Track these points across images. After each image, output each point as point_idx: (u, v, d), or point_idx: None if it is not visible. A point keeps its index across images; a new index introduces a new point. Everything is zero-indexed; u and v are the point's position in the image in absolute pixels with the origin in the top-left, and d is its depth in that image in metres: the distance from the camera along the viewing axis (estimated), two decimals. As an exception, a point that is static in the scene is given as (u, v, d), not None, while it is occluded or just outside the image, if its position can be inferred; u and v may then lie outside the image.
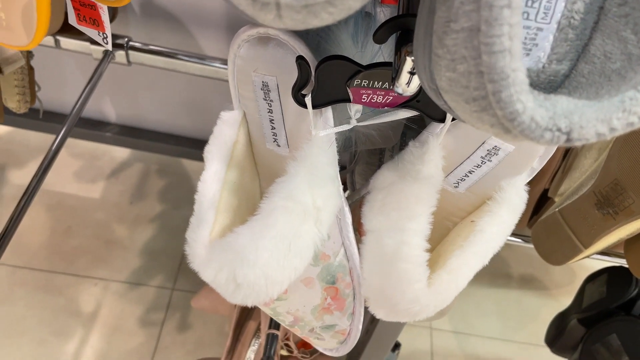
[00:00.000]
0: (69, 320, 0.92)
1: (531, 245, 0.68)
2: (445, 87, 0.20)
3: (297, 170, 0.34)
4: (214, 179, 0.37)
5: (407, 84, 0.26)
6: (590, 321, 0.77)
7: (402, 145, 0.48)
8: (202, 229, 0.36)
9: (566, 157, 0.62)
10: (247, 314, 0.67)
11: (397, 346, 0.84)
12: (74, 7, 0.45)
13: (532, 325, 1.04)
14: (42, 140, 1.14)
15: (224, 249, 0.35)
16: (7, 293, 0.93)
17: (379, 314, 0.39)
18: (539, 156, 0.36)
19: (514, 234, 0.69)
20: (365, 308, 0.41)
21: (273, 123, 0.37)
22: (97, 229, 1.04)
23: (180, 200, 1.11)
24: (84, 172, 1.11)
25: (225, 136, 0.38)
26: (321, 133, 0.34)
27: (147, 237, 1.04)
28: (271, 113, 0.36)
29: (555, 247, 0.59)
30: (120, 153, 1.15)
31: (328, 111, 0.34)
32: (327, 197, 0.35)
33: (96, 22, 0.44)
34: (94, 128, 0.99)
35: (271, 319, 0.58)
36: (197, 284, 0.98)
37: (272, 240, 0.34)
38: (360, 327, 0.41)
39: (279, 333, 0.57)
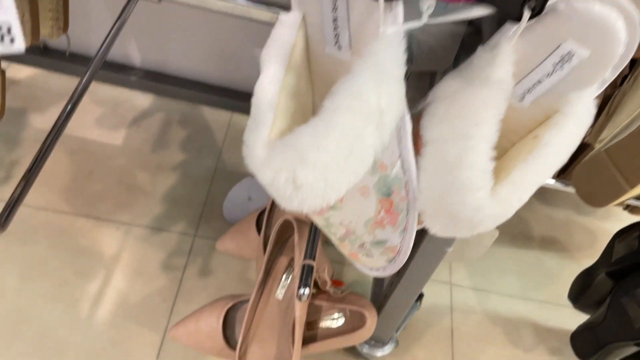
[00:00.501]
0: (91, 262, 0.92)
1: (554, 207, 0.67)
2: None
3: (363, 68, 0.33)
4: (273, 81, 0.36)
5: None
6: (620, 274, 0.77)
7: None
8: (260, 130, 0.35)
9: (610, 100, 0.61)
10: (278, 249, 0.66)
11: (420, 296, 0.84)
12: None
13: (552, 285, 1.03)
14: (63, 84, 1.12)
15: (285, 148, 0.34)
16: (29, 234, 0.93)
17: (435, 228, 0.38)
18: (612, 65, 0.35)
19: (553, 178, 0.68)
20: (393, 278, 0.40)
21: (336, 22, 0.35)
22: (119, 175, 1.03)
23: (202, 150, 1.10)
24: (105, 119, 1.10)
25: (284, 39, 0.37)
26: (390, 30, 0.33)
27: (169, 184, 1.04)
28: (335, 11, 0.35)
29: (598, 188, 0.58)
30: (142, 101, 1.14)
31: (399, 6, 0.33)
32: (392, 100, 0.34)
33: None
34: (118, 72, 0.97)
35: (306, 251, 0.58)
36: (219, 232, 0.97)
37: (335, 140, 0.33)
38: (411, 245, 0.41)
39: (314, 264, 0.56)
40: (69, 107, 0.64)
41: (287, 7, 0.38)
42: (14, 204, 0.54)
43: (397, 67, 0.33)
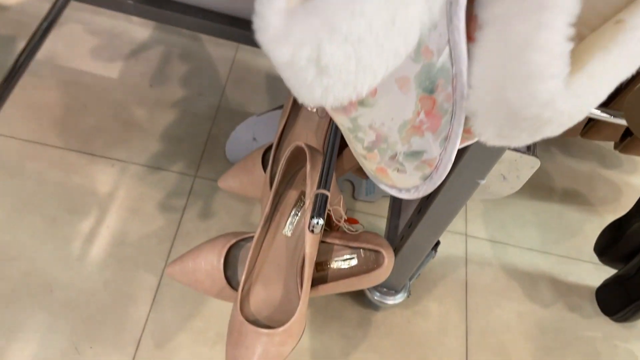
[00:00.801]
0: (84, 199, 0.86)
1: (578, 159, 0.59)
2: None
3: None
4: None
5: None
6: (656, 225, 0.71)
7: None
8: (276, -4, 0.28)
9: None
10: (287, 181, 0.60)
11: (437, 244, 0.78)
12: None
13: (573, 240, 0.97)
14: (55, 12, 1.04)
15: (308, 15, 0.26)
16: (18, 167, 0.87)
17: (488, 134, 0.31)
18: None
19: (599, 108, 0.60)
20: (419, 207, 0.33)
21: None
22: (115, 110, 0.96)
23: (203, 87, 1.02)
24: (101, 51, 1.03)
25: None
26: None
27: (168, 122, 0.97)
28: None
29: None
30: (141, 33, 1.06)
31: None
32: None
33: None
34: (113, -6, 0.89)
35: (320, 181, 0.51)
36: (221, 173, 0.90)
37: (374, 3, 0.26)
38: (452, 158, 0.34)
39: (329, 194, 0.50)
40: (47, 22, 0.57)
41: None
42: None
43: None
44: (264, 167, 0.76)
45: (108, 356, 0.73)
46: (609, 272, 0.88)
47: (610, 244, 0.78)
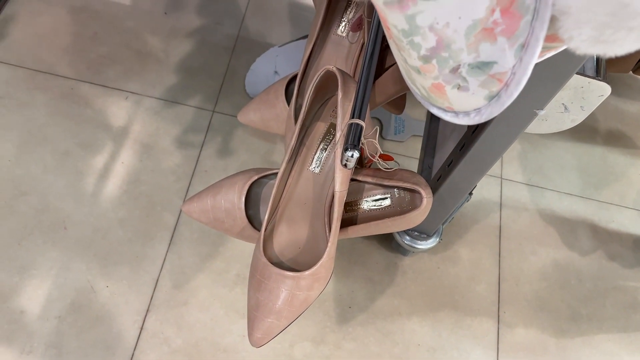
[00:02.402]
0: (97, 132, 0.81)
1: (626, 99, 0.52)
2: None
3: None
4: None
5: None
6: None
7: None
8: None
9: None
10: (315, 112, 0.54)
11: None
12: None
13: (616, 185, 0.91)
14: None
15: None
16: (27, 98, 0.82)
17: (583, 36, 0.24)
18: None
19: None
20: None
21: None
22: (128, 38, 0.90)
23: (222, 14, 0.95)
24: (110, -27, 0.95)
25: None
26: None
27: (184, 52, 0.90)
28: None
29: None
30: (153, -46, 0.98)
31: None
32: None
33: None
34: None
35: (353, 110, 0.45)
36: (239, 108, 0.85)
37: None
38: (529, 73, 0.27)
39: (364, 125, 0.44)
40: None
41: None
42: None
43: None
44: (288, 99, 0.70)
45: (124, 296, 0.70)
46: (656, 219, 0.82)
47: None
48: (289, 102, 0.69)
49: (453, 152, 0.56)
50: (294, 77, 0.70)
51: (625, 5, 0.22)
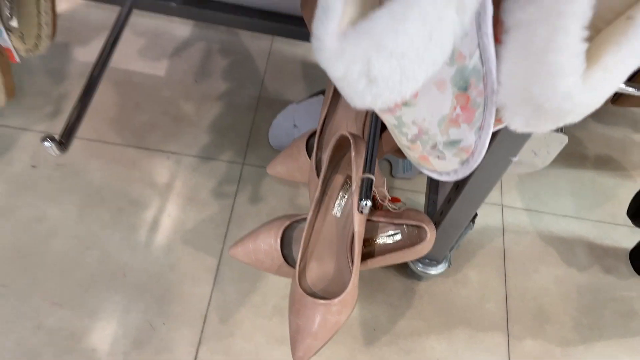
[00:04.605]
0: (145, 190, 0.94)
1: (610, 126, 0.63)
2: None
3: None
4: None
5: None
6: (687, 187, 0.73)
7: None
8: (329, 18, 0.33)
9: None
10: (333, 167, 0.65)
11: (474, 216, 0.83)
12: None
13: (607, 205, 1.01)
14: (101, 17, 1.11)
15: (358, 36, 0.32)
16: (83, 165, 0.95)
17: (517, 123, 0.36)
18: None
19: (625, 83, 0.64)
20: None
21: None
22: (165, 106, 1.03)
23: (244, 79, 1.08)
24: (147, 51, 1.10)
25: None
26: None
27: (214, 114, 1.03)
28: None
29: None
30: (182, 31, 1.12)
31: None
32: (475, -21, 0.31)
33: None
34: (157, -1, 0.95)
35: (365, 166, 0.57)
36: (266, 159, 0.98)
37: (414, 24, 0.31)
38: (487, 145, 0.39)
39: (374, 178, 0.55)
40: (115, 34, 0.63)
41: None
42: (72, 125, 0.54)
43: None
44: (308, 153, 0.82)
45: (179, 331, 0.82)
46: (643, 234, 0.92)
47: (642, 208, 0.81)
48: (309, 155, 0.81)
49: (451, 191, 0.67)
50: (313, 134, 0.82)
51: (540, 106, 0.34)
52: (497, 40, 0.35)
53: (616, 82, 0.34)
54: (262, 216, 0.93)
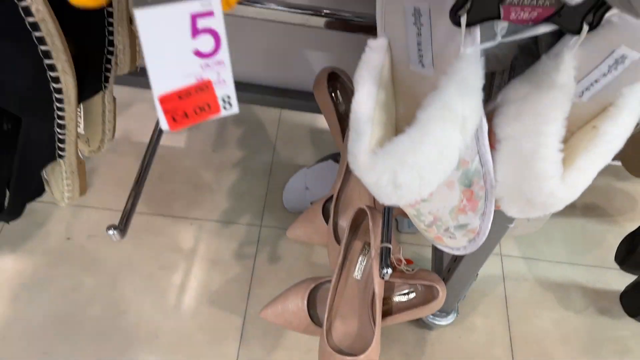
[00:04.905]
0: (172, 255, 1.01)
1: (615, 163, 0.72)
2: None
3: (448, 83, 0.40)
4: (368, 98, 0.43)
5: (577, -5, 0.31)
6: (665, 236, 0.82)
7: (511, 69, 0.53)
8: (362, 140, 0.42)
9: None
10: (352, 234, 0.74)
11: (477, 268, 0.91)
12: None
13: (597, 250, 1.09)
14: (125, 95, 1.21)
15: (386, 154, 0.41)
16: (115, 234, 1.03)
17: (512, 211, 0.45)
18: (660, 63, 0.41)
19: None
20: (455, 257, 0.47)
21: (420, 45, 0.42)
22: (186, 175, 1.12)
23: (258, 146, 1.18)
24: (166, 124, 1.19)
25: (375, 61, 0.44)
26: (469, 50, 0.39)
27: (232, 180, 1.12)
28: (420, 36, 0.42)
29: (644, 160, 0.64)
30: (198, 104, 1.22)
31: (476, 30, 0.39)
32: (474, 108, 0.41)
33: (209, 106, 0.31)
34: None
35: (382, 235, 0.65)
36: (281, 221, 1.06)
37: (429, 145, 0.40)
38: (489, 226, 0.48)
39: (391, 246, 0.64)
40: (159, 128, 0.72)
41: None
42: (128, 213, 0.63)
43: (477, 81, 0.40)
44: (325, 216, 0.90)
45: (211, 388, 0.88)
46: (631, 277, 1.00)
47: (627, 254, 0.90)
48: (325, 219, 0.89)
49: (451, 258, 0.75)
50: (329, 198, 0.91)
51: (529, 200, 0.43)
52: (492, 147, 0.45)
53: (589, 179, 0.43)
54: (282, 275, 1.01)
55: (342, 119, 0.92)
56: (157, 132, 0.70)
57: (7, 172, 0.51)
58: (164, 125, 0.29)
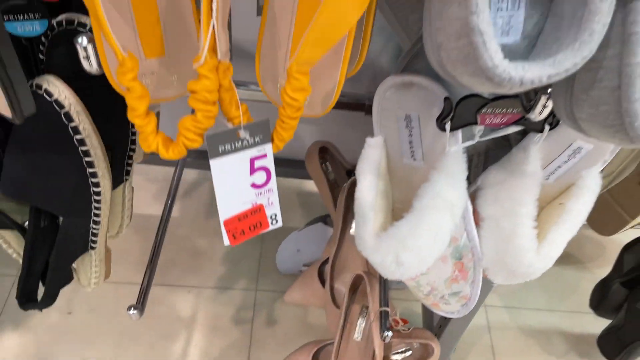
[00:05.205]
0: (172, 324, 1.04)
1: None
2: (585, 118, 0.33)
3: (438, 176, 0.47)
4: (370, 188, 0.50)
5: (540, 113, 0.39)
6: (631, 283, 0.90)
7: (485, 153, 0.61)
8: (367, 225, 0.49)
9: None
10: (350, 297, 0.79)
11: (464, 321, 0.97)
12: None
13: (573, 296, 1.17)
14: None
15: (389, 238, 0.48)
16: (115, 307, 1.06)
17: (497, 279, 0.52)
18: (610, 151, 0.49)
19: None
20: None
21: (412, 144, 0.50)
22: (182, 243, 1.17)
23: (249, 212, 1.23)
24: (161, 195, 1.24)
25: (374, 156, 0.51)
26: (454, 148, 0.47)
27: (226, 247, 1.17)
28: (411, 137, 0.49)
29: (606, 221, 0.72)
30: (190, 175, 1.28)
31: (458, 133, 0.47)
32: (460, 195, 0.48)
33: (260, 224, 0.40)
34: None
35: (380, 300, 0.71)
36: (275, 284, 1.11)
37: (425, 229, 0.47)
38: (479, 292, 0.54)
39: (389, 310, 0.70)
40: (170, 199, 0.78)
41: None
42: (145, 291, 0.67)
43: (462, 173, 0.48)
44: (320, 279, 0.96)
45: None
46: (606, 321, 1.07)
47: (600, 301, 0.97)
48: (321, 281, 0.95)
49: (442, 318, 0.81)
50: (323, 262, 0.97)
51: (511, 270, 0.50)
52: (477, 224, 0.52)
53: (560, 250, 0.50)
54: (279, 337, 1.05)
55: (333, 187, 0.99)
56: (168, 210, 0.76)
57: (41, 265, 0.55)
58: (226, 241, 0.35)
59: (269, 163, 0.33)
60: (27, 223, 0.56)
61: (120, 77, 0.31)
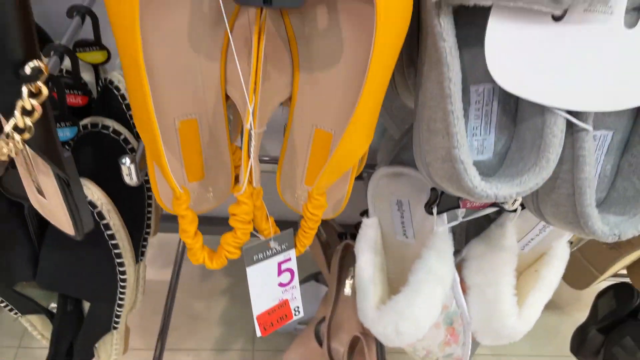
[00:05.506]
0: (173, 389, 1.07)
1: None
2: (549, 214, 0.40)
3: (429, 254, 0.54)
4: (368, 264, 0.57)
5: (512, 204, 0.46)
6: (607, 329, 0.97)
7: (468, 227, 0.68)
8: (367, 299, 0.55)
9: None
10: (348, 358, 0.84)
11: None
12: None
13: (555, 340, 1.23)
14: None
15: (389, 310, 0.54)
16: (115, 373, 1.08)
17: (486, 341, 0.58)
18: (574, 224, 0.57)
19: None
20: None
21: (404, 224, 0.57)
22: (179, 307, 1.20)
23: (242, 273, 1.28)
24: (155, 260, 1.28)
25: (370, 235, 0.58)
26: (441, 228, 0.54)
27: (222, 308, 1.21)
28: (402, 218, 0.56)
29: (578, 276, 0.79)
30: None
31: (444, 215, 0.54)
32: (449, 268, 0.55)
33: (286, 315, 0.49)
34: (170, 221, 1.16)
35: (377, 357, 0.76)
36: (272, 343, 1.15)
37: (421, 302, 0.53)
38: (469, 353, 0.60)
39: (386, 369, 0.75)
40: (177, 267, 0.83)
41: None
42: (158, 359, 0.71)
43: (449, 249, 0.54)
44: (317, 338, 1.00)
45: None
46: (587, 364, 1.13)
47: (579, 346, 1.03)
48: (318, 341, 0.99)
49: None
50: (319, 321, 1.01)
51: (497, 333, 0.56)
52: (464, 291, 0.58)
53: (538, 312, 0.57)
54: (279, 397, 1.08)
55: (326, 249, 1.05)
56: (175, 278, 0.80)
57: (66, 346, 0.60)
58: (258, 333, 0.41)
59: (293, 265, 0.40)
60: (51, 306, 0.60)
61: (176, 208, 0.37)
